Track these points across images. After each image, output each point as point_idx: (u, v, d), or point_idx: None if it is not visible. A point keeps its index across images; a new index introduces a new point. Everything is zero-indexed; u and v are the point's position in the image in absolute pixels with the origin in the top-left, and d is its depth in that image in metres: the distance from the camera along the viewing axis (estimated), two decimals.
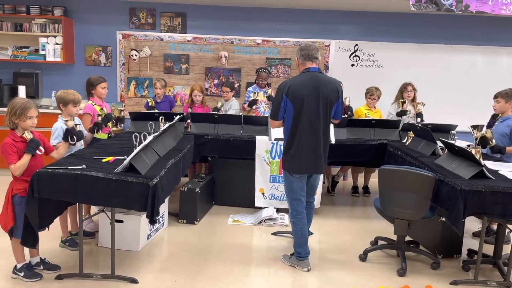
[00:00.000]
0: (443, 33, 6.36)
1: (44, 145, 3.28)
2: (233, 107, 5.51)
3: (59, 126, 3.68)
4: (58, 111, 3.87)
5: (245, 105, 5.60)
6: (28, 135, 3.08)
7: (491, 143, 3.86)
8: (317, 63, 3.47)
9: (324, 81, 3.40)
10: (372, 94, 5.47)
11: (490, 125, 4.51)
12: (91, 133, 4.01)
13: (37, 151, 3.14)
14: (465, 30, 6.33)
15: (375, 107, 5.58)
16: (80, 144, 3.85)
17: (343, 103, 3.57)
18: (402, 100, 5.28)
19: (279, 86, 3.43)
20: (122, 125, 4.65)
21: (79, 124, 3.81)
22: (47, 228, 3.15)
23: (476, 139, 3.74)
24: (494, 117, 4.57)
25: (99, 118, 4.02)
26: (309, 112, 3.34)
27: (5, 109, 3.15)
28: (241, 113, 5.42)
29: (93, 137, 4.14)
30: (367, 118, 5.36)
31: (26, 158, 3.06)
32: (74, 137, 3.55)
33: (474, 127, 3.80)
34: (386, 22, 6.33)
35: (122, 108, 4.61)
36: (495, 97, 4.27)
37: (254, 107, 5.54)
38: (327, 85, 3.39)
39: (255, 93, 5.55)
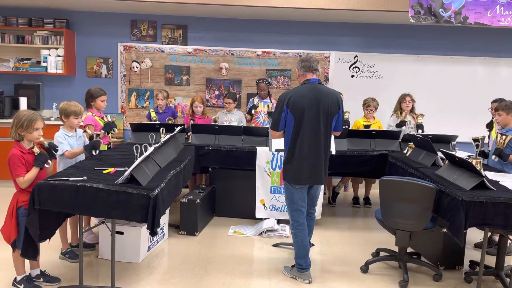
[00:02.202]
0: (442, 45, 6.40)
1: None
2: (243, 121, 5.55)
3: (60, 135, 3.70)
4: (59, 122, 3.88)
5: (246, 115, 5.64)
6: (37, 149, 3.10)
7: (503, 144, 3.92)
8: (318, 75, 3.49)
9: (325, 92, 3.42)
10: (368, 105, 5.49)
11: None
12: (88, 152, 3.94)
13: (45, 165, 3.15)
14: (464, 41, 6.37)
15: (374, 118, 5.59)
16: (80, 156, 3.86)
17: (343, 115, 3.58)
18: (400, 111, 5.31)
19: (280, 97, 3.45)
20: (116, 130, 4.40)
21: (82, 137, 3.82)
22: (48, 240, 3.14)
23: (477, 152, 3.76)
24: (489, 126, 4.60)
25: (91, 132, 3.98)
26: (310, 122, 3.35)
27: (6, 120, 3.16)
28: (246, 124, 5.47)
29: None
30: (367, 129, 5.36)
31: (35, 171, 3.07)
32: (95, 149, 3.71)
33: (475, 140, 3.83)
34: (385, 33, 6.38)
35: (97, 133, 4.00)
36: (496, 110, 4.29)
37: (253, 111, 5.56)
38: (328, 96, 3.41)
39: (256, 100, 5.60)
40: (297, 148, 3.40)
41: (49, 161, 3.18)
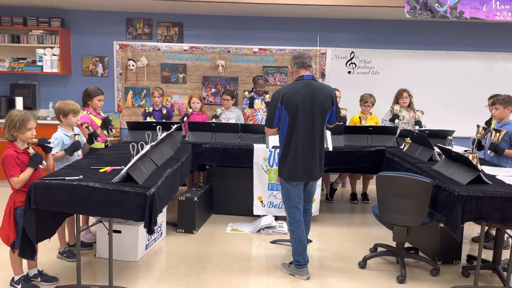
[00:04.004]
0: (438, 40, 6.40)
1: None
2: (240, 118, 5.53)
3: (59, 136, 3.68)
4: (56, 122, 3.86)
5: (246, 111, 5.63)
6: (31, 150, 3.08)
7: (497, 140, 3.98)
8: (311, 71, 3.49)
9: (318, 88, 3.42)
10: (366, 101, 5.49)
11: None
12: (89, 144, 4.00)
13: (40, 165, 3.14)
14: (460, 36, 6.38)
15: (371, 114, 5.59)
16: (78, 155, 3.85)
17: (339, 111, 3.57)
18: (394, 107, 5.33)
19: (274, 94, 3.45)
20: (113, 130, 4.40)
21: (79, 135, 3.81)
22: (48, 239, 3.13)
23: (473, 141, 3.76)
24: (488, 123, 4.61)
25: (91, 129, 4.00)
26: (304, 119, 3.35)
27: (2, 120, 3.15)
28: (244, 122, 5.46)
29: (90, 146, 4.13)
30: (364, 125, 5.36)
31: (29, 171, 3.06)
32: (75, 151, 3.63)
33: (483, 128, 3.90)
34: (381, 29, 6.37)
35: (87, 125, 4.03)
36: (493, 103, 4.29)
37: (254, 106, 5.56)
38: (321, 92, 3.40)
39: (252, 97, 5.59)
40: (292, 145, 3.39)
41: (43, 161, 3.16)
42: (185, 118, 5.20)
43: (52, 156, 3.45)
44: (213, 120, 5.34)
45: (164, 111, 5.53)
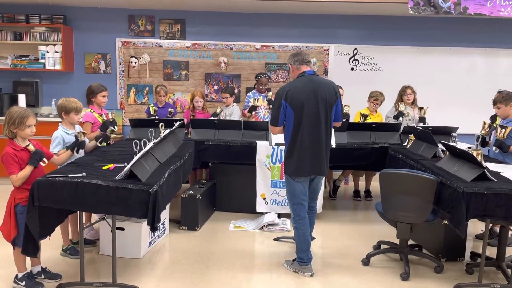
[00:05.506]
0: (442, 36, 6.37)
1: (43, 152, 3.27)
2: (234, 113, 5.50)
3: (60, 134, 3.67)
4: (58, 119, 3.86)
5: (245, 111, 5.61)
6: (32, 147, 3.07)
7: (503, 136, 3.98)
8: (311, 67, 3.49)
9: (321, 83, 3.42)
10: (376, 99, 5.45)
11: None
12: (98, 143, 3.98)
13: (40, 163, 3.12)
14: (464, 32, 6.33)
15: (376, 111, 5.57)
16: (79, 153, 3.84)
17: (342, 107, 3.57)
18: (399, 105, 5.31)
19: (278, 92, 3.44)
20: (116, 127, 4.41)
21: (85, 133, 3.80)
22: (48, 237, 3.13)
23: (477, 138, 3.74)
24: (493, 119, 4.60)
25: (107, 131, 3.99)
26: (310, 115, 3.34)
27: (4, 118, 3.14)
28: (241, 119, 5.42)
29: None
30: (367, 121, 5.34)
31: (28, 169, 3.05)
32: (80, 149, 3.60)
33: (489, 125, 4.07)
34: (384, 25, 6.34)
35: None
36: (494, 103, 4.28)
37: (253, 113, 5.54)
38: (325, 87, 3.40)
39: (254, 99, 5.56)
40: (298, 142, 3.38)
41: (44, 159, 3.15)
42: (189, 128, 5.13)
43: (56, 157, 3.46)
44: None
45: (171, 111, 5.50)
